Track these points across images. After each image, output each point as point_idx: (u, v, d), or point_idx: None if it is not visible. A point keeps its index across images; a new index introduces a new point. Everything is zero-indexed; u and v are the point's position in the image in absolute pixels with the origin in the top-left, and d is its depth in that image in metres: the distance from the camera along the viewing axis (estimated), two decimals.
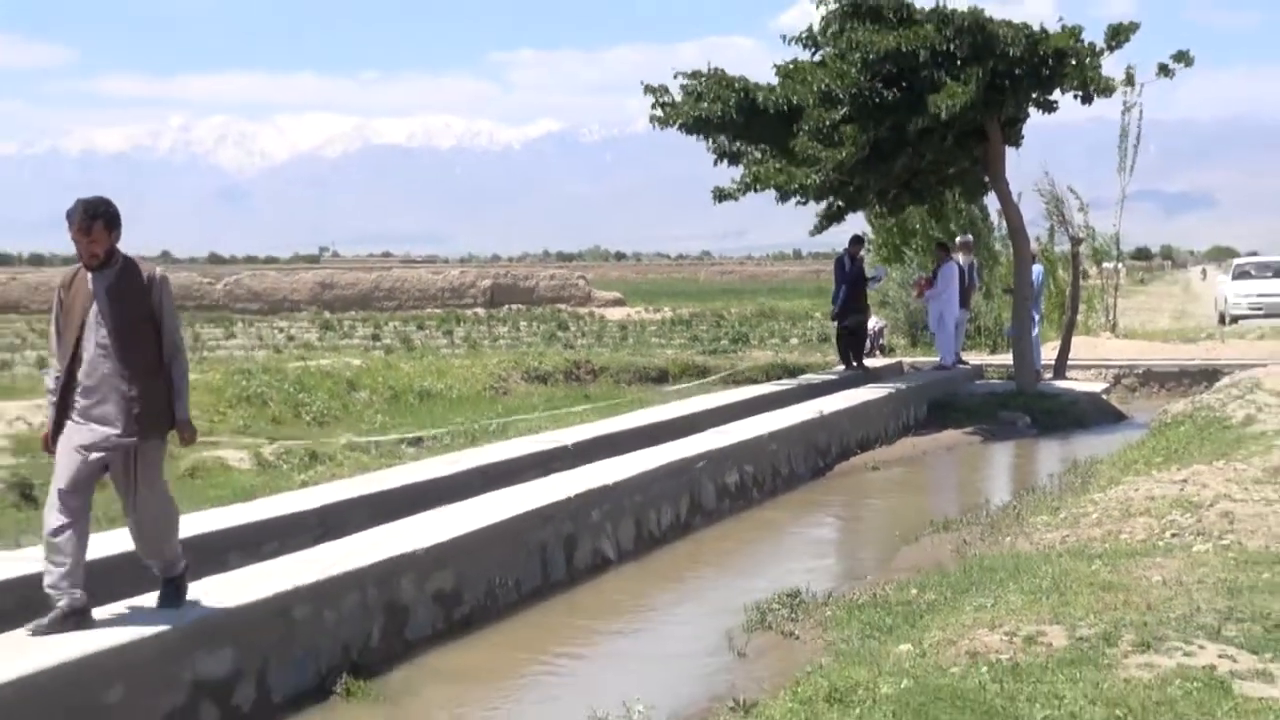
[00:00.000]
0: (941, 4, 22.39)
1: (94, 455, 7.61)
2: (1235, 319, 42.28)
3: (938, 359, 27.05)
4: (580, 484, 12.85)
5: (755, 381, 25.84)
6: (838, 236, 27.15)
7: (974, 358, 28.76)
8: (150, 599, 8.44)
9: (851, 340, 26.00)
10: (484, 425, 20.02)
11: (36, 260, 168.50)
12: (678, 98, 23.39)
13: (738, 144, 24.16)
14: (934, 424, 22.19)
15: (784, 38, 23.42)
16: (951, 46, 21.51)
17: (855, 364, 25.70)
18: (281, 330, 50.44)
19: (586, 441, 16.33)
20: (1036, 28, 22.43)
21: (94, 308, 7.64)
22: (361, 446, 18.54)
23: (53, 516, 7.61)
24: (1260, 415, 17.63)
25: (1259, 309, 42.51)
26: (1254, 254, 66.88)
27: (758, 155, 24.10)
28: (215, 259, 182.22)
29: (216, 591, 8.62)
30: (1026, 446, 21.06)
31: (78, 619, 7.58)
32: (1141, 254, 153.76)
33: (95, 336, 7.62)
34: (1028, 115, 24.22)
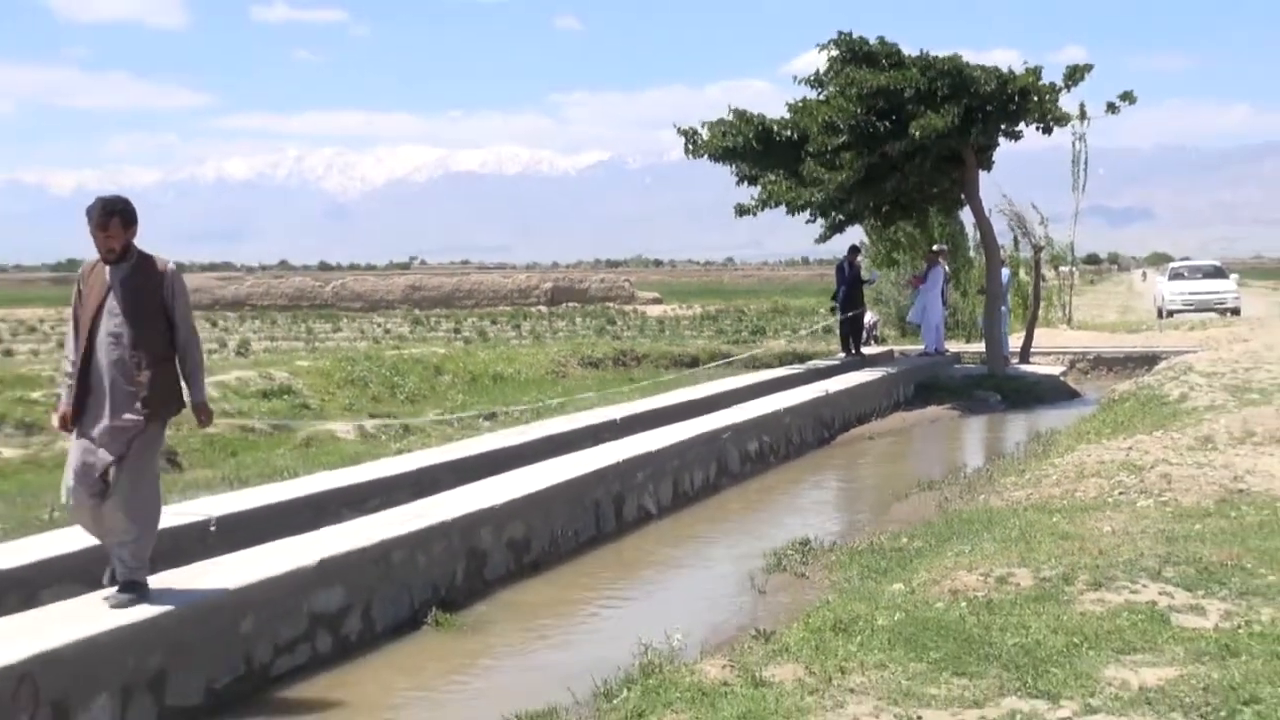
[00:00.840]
0: (925, 50, 22.44)
1: (108, 457, 6.88)
2: (1171, 313, 42.05)
3: (922, 347, 27.10)
4: (627, 451, 12.87)
5: (771, 366, 25.81)
6: (839, 245, 27.10)
7: (953, 346, 28.63)
8: (280, 543, 8.52)
9: (851, 330, 26.09)
10: (547, 403, 20.06)
11: (179, 268, 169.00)
12: (705, 136, 23.56)
13: (755, 169, 24.22)
14: (920, 401, 22.14)
15: (795, 78, 23.49)
16: (934, 86, 21.55)
17: (854, 351, 25.74)
18: (379, 325, 50.62)
19: (631, 416, 16.36)
20: (1005, 69, 22.44)
21: (109, 298, 6.94)
22: (446, 420, 18.61)
23: (66, 507, 7.19)
24: (1192, 394, 17.55)
25: (1190, 305, 42.35)
26: (1186, 259, 66.38)
27: (772, 178, 24.16)
28: (324, 266, 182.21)
29: (330, 539, 8.70)
30: (997, 420, 20.97)
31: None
32: (1091, 259, 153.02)
33: (108, 326, 6.91)
34: (997, 143, 24.13)
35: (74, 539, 8.86)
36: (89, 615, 6.84)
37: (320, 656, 7.97)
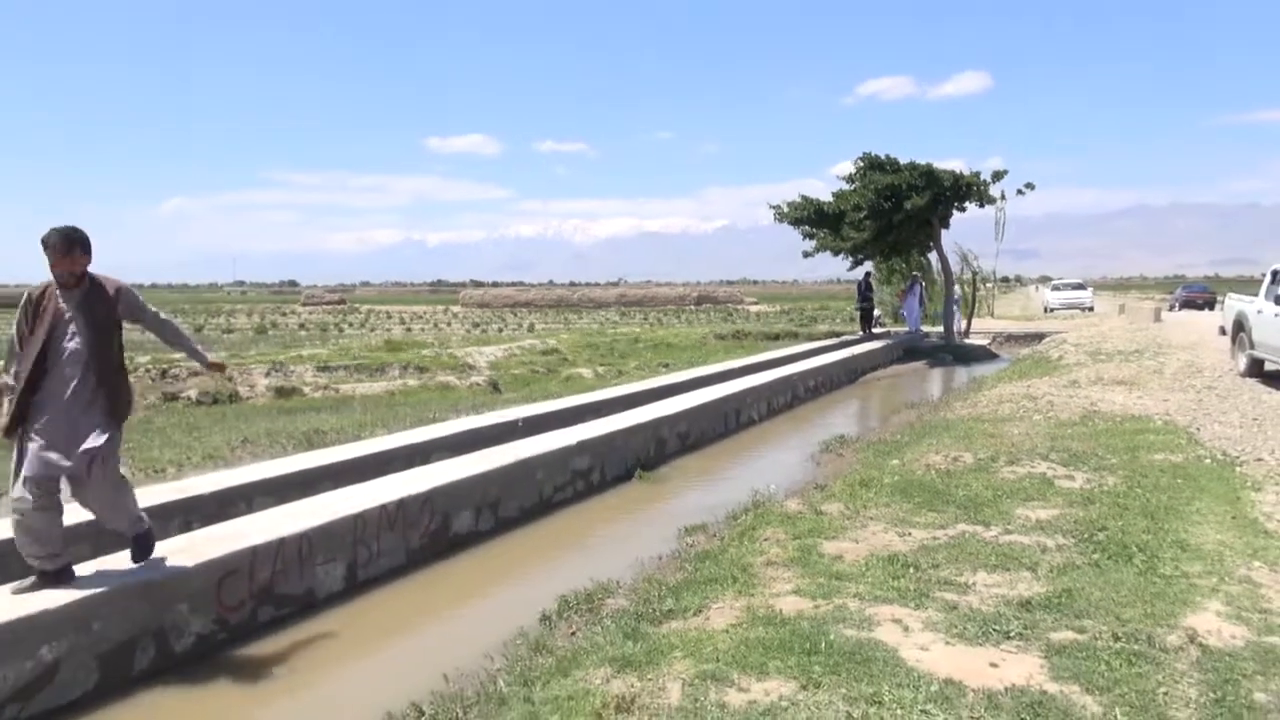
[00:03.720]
0: (912, 160, 22.01)
1: (65, 462, 4.29)
2: (1052, 310, 40.52)
3: (906, 329, 26.46)
4: (742, 386, 12.82)
5: (820, 339, 25.43)
6: (858, 272, 26.63)
7: (926, 328, 27.89)
8: (556, 432, 8.69)
9: (865, 320, 25.64)
10: (695, 360, 20.08)
11: (517, 283, 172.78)
12: (785, 210, 23.42)
13: (813, 230, 23.99)
14: (907, 359, 21.60)
15: (837, 176, 23.24)
16: (916, 181, 21.15)
17: (867, 332, 25.23)
18: (603, 316, 51.12)
19: (743, 366, 16.29)
20: (957, 171, 21.95)
21: (70, 322, 4.35)
22: (641, 369, 18.75)
23: (21, 503, 4.27)
24: (1066, 356, 16.86)
25: (1064, 305, 40.81)
26: (1061, 279, 63.62)
27: (822, 235, 23.88)
28: (572, 284, 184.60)
29: (584, 430, 8.85)
30: (951, 370, 20.32)
31: (54, 580, 4.36)
32: (1005, 280, 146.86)
33: (69, 346, 4.35)
34: (952, 213, 23.49)
35: (448, 428, 9.20)
36: (459, 470, 7.09)
37: (577, 493, 8.12)
